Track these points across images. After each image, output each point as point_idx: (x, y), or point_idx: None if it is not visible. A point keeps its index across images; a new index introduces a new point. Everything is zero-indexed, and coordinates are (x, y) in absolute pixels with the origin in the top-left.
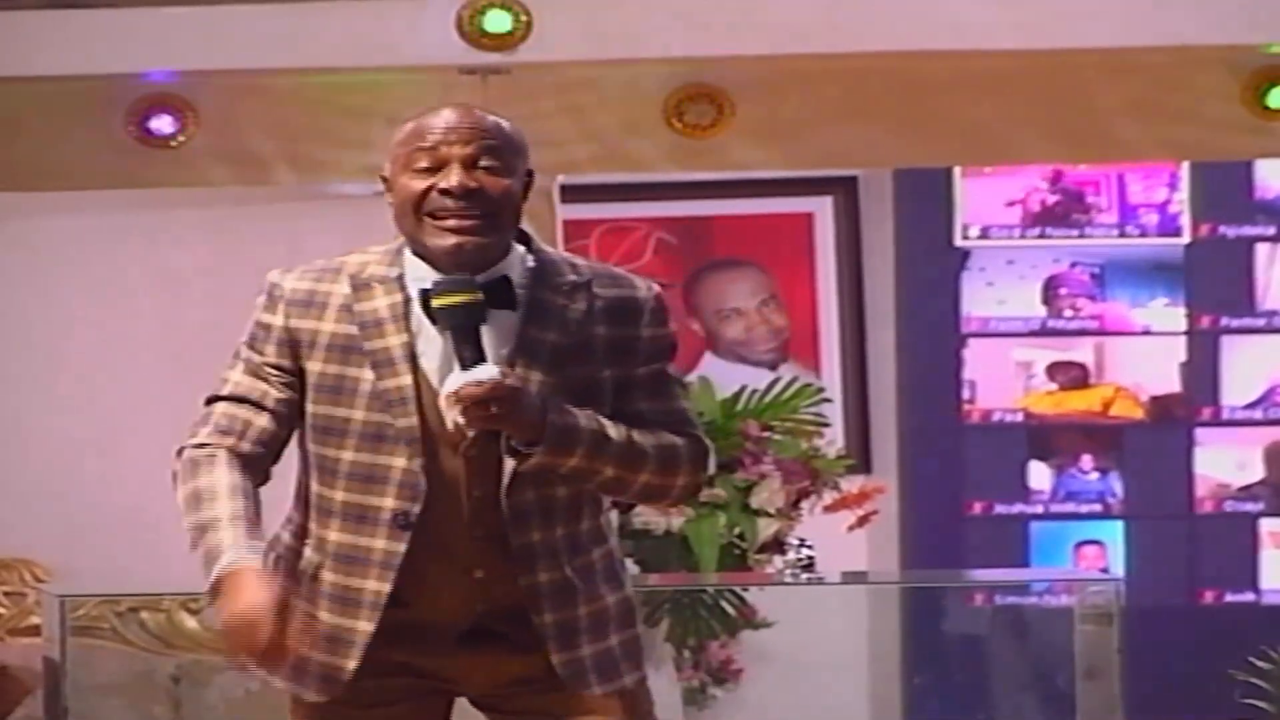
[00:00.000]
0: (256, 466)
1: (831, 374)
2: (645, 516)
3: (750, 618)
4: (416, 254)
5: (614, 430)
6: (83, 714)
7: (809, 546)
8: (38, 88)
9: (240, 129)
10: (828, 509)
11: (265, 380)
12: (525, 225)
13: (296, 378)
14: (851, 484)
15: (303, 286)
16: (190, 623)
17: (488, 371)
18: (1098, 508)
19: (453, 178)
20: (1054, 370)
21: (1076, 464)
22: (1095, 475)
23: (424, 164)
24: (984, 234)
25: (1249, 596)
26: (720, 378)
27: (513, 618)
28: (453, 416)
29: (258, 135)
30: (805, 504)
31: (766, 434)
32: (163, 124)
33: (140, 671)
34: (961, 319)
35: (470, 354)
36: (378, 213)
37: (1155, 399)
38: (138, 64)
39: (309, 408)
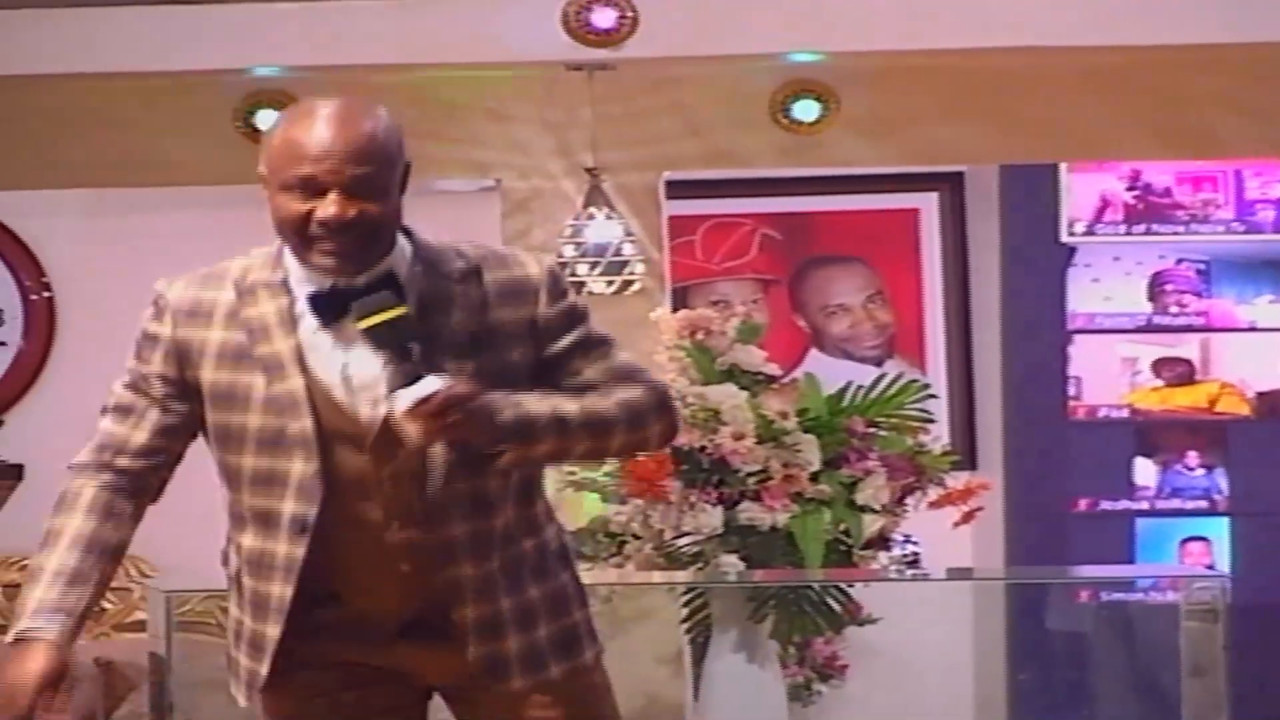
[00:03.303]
0: (139, 482)
1: (937, 370)
2: (750, 513)
3: (855, 614)
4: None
5: (570, 404)
6: (187, 709)
7: (914, 543)
8: (147, 83)
9: None
10: (933, 505)
11: (149, 391)
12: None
13: (186, 387)
14: (956, 480)
15: (189, 295)
16: None
17: (432, 384)
18: (1203, 504)
19: (330, 209)
20: (1160, 366)
21: (1182, 460)
22: (1201, 471)
23: (299, 187)
24: (1090, 230)
25: None
26: (826, 374)
27: (445, 611)
28: (412, 435)
29: None
30: (910, 500)
31: (872, 430)
32: (270, 120)
33: None
34: (1067, 315)
35: (410, 369)
36: (479, 208)
37: (1261, 395)
38: (245, 60)
39: (208, 416)
